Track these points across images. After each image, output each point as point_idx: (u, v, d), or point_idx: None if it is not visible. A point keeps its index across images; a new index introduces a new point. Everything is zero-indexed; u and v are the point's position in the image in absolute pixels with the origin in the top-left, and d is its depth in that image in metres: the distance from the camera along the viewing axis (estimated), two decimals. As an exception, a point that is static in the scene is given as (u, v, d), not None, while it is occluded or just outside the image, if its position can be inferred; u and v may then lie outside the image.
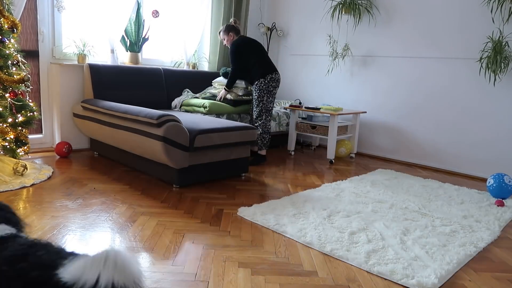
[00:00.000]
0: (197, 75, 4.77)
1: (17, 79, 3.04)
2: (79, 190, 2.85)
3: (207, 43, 5.16)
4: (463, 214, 2.81)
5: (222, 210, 2.64)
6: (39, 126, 3.91)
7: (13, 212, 1.29)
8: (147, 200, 2.73)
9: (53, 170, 3.29)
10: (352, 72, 4.87)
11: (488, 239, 2.40)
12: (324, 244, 2.16)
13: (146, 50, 4.60)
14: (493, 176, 3.30)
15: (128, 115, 3.08)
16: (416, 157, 4.44)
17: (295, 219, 2.51)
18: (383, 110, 4.65)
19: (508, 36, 3.70)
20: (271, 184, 3.31)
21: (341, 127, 4.39)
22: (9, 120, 3.07)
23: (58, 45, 3.88)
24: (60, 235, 2.09)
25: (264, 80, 3.84)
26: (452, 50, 4.08)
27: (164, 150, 2.83)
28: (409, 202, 3.00)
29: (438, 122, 4.23)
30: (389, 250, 2.13)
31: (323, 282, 1.80)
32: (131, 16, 4.23)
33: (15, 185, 2.81)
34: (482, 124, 3.94)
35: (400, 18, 4.43)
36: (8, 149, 3.13)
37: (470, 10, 3.93)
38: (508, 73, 3.75)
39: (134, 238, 2.12)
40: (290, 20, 5.46)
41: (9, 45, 3.05)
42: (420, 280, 1.82)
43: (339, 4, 4.66)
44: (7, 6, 3.08)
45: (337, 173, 3.85)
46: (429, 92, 4.27)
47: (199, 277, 1.77)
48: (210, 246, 2.09)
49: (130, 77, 4.07)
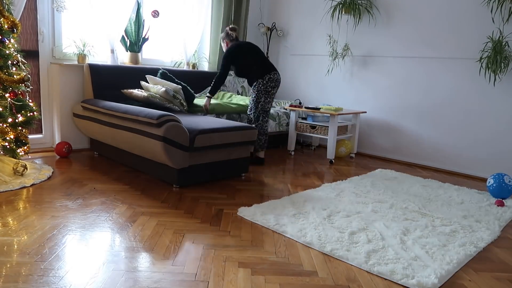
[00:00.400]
0: (197, 75, 4.77)
1: (17, 79, 3.04)
2: (79, 190, 2.85)
3: (207, 43, 5.16)
4: (463, 214, 2.81)
5: (222, 210, 2.64)
6: (39, 126, 3.91)
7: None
8: (147, 200, 2.73)
9: (53, 170, 3.29)
10: (352, 72, 4.87)
11: (488, 239, 2.40)
12: (324, 244, 2.16)
13: (146, 50, 4.60)
14: (493, 176, 3.30)
15: (128, 115, 3.08)
16: (416, 157, 4.44)
17: (295, 219, 2.51)
18: (383, 110, 4.65)
19: (508, 36, 3.70)
20: (271, 184, 3.31)
21: (341, 127, 4.39)
22: (9, 120, 3.07)
23: (58, 45, 3.88)
24: (60, 235, 2.09)
25: (262, 80, 3.78)
26: (452, 50, 4.08)
27: (164, 150, 2.83)
28: (409, 202, 3.00)
29: (438, 122, 4.23)
30: (389, 250, 2.13)
31: (323, 282, 1.80)
32: (131, 16, 4.23)
33: (15, 185, 2.81)
34: (482, 124, 3.94)
35: (400, 18, 4.43)
36: (8, 149, 3.13)
37: (470, 10, 3.93)
38: (508, 73, 3.75)
39: (134, 238, 2.12)
40: (290, 20, 5.46)
41: (9, 45, 3.05)
42: (420, 280, 1.82)
43: (339, 4, 4.66)
44: (7, 6, 3.08)
45: (337, 173, 3.85)
46: (429, 92, 4.27)
47: (199, 277, 1.77)
48: (210, 246, 2.09)
49: (130, 77, 4.07)
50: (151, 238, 2.13)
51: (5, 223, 2.20)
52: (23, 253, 1.87)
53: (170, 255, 1.95)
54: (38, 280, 1.65)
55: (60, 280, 1.66)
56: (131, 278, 1.72)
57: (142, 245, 2.05)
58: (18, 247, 1.93)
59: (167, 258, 1.92)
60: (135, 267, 1.82)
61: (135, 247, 2.01)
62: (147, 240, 2.10)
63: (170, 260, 1.91)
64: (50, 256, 1.86)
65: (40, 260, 1.82)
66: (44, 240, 2.03)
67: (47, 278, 1.67)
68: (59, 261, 1.82)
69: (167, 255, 1.96)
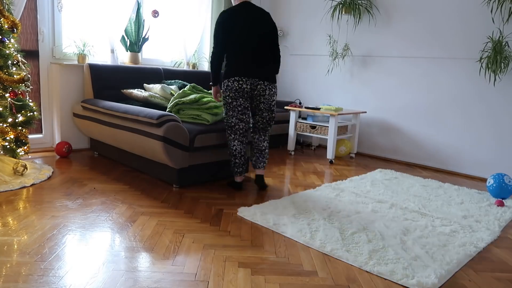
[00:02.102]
0: (197, 75, 4.77)
1: (17, 79, 3.04)
2: (79, 190, 2.85)
3: (207, 43, 5.16)
4: (463, 214, 2.81)
5: (222, 210, 2.64)
6: (39, 126, 3.91)
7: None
8: (147, 200, 2.73)
9: (53, 170, 3.29)
10: (352, 72, 4.86)
11: (488, 239, 2.40)
12: (324, 244, 2.16)
13: (146, 50, 4.60)
14: (493, 176, 3.30)
15: (128, 115, 3.08)
16: (416, 157, 4.44)
17: (295, 219, 2.51)
18: (383, 110, 4.65)
19: (508, 36, 3.70)
20: (271, 184, 3.31)
21: (341, 127, 4.39)
22: (9, 120, 3.07)
23: (58, 45, 3.88)
24: (60, 235, 2.09)
25: (222, 83, 2.93)
26: (452, 50, 4.08)
27: (164, 150, 2.83)
28: (409, 202, 3.00)
29: (438, 122, 4.23)
30: (389, 250, 2.13)
31: (323, 282, 1.80)
32: (131, 16, 4.23)
33: (15, 185, 2.81)
34: (482, 124, 3.94)
35: (400, 18, 4.43)
36: (8, 149, 3.13)
37: (470, 10, 3.93)
38: (508, 73, 3.75)
39: (134, 238, 2.12)
40: (290, 20, 5.46)
41: (9, 45, 3.05)
42: (420, 280, 1.82)
43: (339, 4, 4.66)
44: (7, 6, 3.08)
45: (337, 173, 3.85)
46: (429, 92, 4.27)
47: (199, 277, 1.77)
48: (210, 246, 2.09)
49: (130, 77, 4.07)
50: (151, 238, 2.13)
51: (5, 223, 2.20)
52: (23, 253, 1.87)
53: (170, 255, 1.95)
54: (38, 280, 1.65)
55: (60, 280, 1.66)
56: (131, 278, 1.72)
57: (142, 245, 2.05)
58: (18, 247, 1.93)
59: (167, 258, 1.92)
60: (135, 267, 1.82)
61: (135, 247, 2.01)
62: (147, 240, 2.10)
63: (170, 260, 1.91)
64: (50, 256, 1.86)
65: (40, 260, 1.82)
66: (44, 240, 2.03)
67: (47, 278, 1.67)
68: (59, 261, 1.82)
69: (167, 255, 1.96)
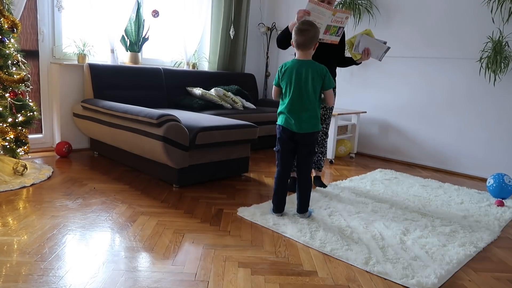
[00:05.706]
0: (197, 75, 4.77)
1: (17, 79, 3.04)
2: (79, 190, 2.85)
3: (207, 43, 5.16)
4: (463, 214, 2.81)
5: (222, 210, 2.64)
6: (39, 126, 3.91)
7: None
8: (147, 200, 2.73)
9: (53, 170, 3.29)
10: (352, 72, 4.86)
11: (488, 239, 2.40)
12: (324, 244, 2.16)
13: (146, 50, 4.60)
14: (493, 176, 3.30)
15: (128, 115, 3.08)
16: (416, 157, 4.44)
17: (295, 219, 2.51)
18: (383, 110, 4.65)
19: (508, 36, 3.70)
20: (271, 184, 3.30)
21: (341, 127, 4.39)
22: (9, 120, 3.07)
23: (58, 45, 3.88)
24: (60, 235, 2.09)
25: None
26: (452, 50, 4.08)
27: (164, 150, 2.83)
28: (409, 202, 3.00)
29: (438, 122, 4.23)
30: (389, 250, 2.13)
31: (323, 282, 1.80)
32: (131, 16, 4.23)
33: (15, 185, 2.81)
34: (482, 124, 3.94)
35: (400, 18, 4.43)
36: (8, 149, 3.13)
37: (470, 10, 3.93)
38: (508, 73, 3.75)
39: (134, 238, 2.12)
40: (290, 20, 5.43)
41: (9, 45, 3.05)
42: (420, 280, 1.82)
43: (339, 4, 4.66)
44: (7, 6, 3.08)
45: (337, 173, 3.85)
46: (429, 92, 4.27)
47: (199, 277, 1.77)
48: (210, 246, 2.09)
49: (130, 77, 4.07)
50: (151, 238, 2.13)
51: (5, 223, 2.20)
52: (23, 253, 1.87)
53: (170, 255, 1.95)
54: (38, 280, 1.65)
55: (60, 280, 1.66)
56: (131, 278, 1.72)
57: (142, 245, 2.05)
58: (18, 246, 1.93)
59: (167, 258, 1.92)
60: (135, 267, 1.82)
61: (135, 247, 2.01)
62: (147, 240, 2.10)
63: (170, 260, 1.91)
64: (50, 256, 1.86)
65: (40, 260, 1.82)
66: (44, 239, 2.03)
67: (47, 278, 1.67)
68: (59, 261, 1.82)
69: (167, 255, 1.96)
